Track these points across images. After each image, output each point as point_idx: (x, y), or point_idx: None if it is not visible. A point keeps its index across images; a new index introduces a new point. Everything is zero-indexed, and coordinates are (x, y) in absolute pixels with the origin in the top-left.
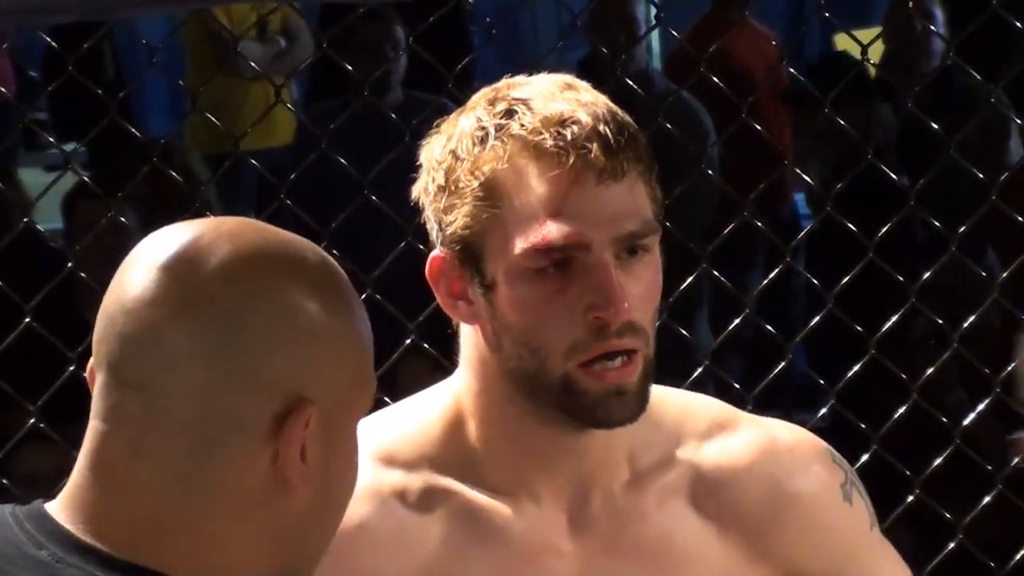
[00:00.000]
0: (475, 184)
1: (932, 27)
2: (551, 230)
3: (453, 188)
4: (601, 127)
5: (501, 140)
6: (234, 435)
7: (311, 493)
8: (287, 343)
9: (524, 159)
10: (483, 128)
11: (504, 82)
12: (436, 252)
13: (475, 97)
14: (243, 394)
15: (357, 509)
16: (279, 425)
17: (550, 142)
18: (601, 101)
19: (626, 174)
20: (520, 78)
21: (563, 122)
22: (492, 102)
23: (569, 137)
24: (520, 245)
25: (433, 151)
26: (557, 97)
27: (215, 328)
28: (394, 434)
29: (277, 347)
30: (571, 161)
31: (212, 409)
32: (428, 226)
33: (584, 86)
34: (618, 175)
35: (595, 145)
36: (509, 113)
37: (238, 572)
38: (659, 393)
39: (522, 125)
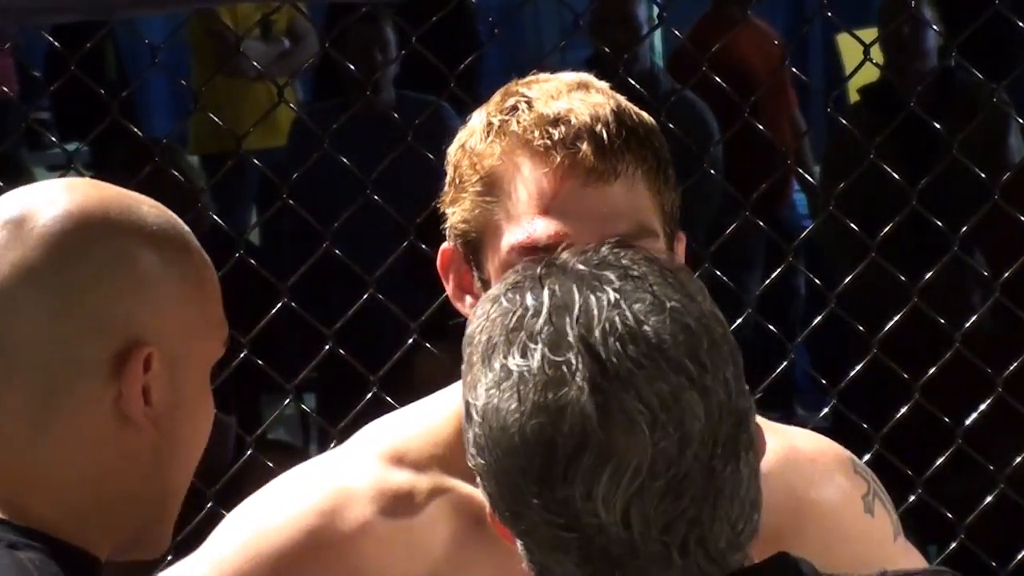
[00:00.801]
0: (475, 178)
1: (929, 27)
2: (537, 228)
3: (458, 181)
4: (597, 127)
5: (501, 136)
6: (79, 380)
7: (160, 434)
8: (122, 288)
9: (520, 156)
10: (490, 123)
11: (527, 78)
12: (446, 245)
13: (498, 91)
14: (83, 339)
15: (363, 509)
16: (120, 367)
17: (539, 141)
18: (612, 102)
19: (620, 175)
20: (543, 75)
21: (555, 121)
22: (504, 97)
23: (557, 136)
24: (508, 241)
25: (452, 145)
26: (562, 96)
27: (52, 278)
28: (403, 435)
29: (112, 292)
30: (558, 160)
31: (56, 356)
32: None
33: (599, 86)
34: (609, 176)
35: (585, 145)
36: (513, 109)
37: (98, 515)
38: None
39: (519, 122)
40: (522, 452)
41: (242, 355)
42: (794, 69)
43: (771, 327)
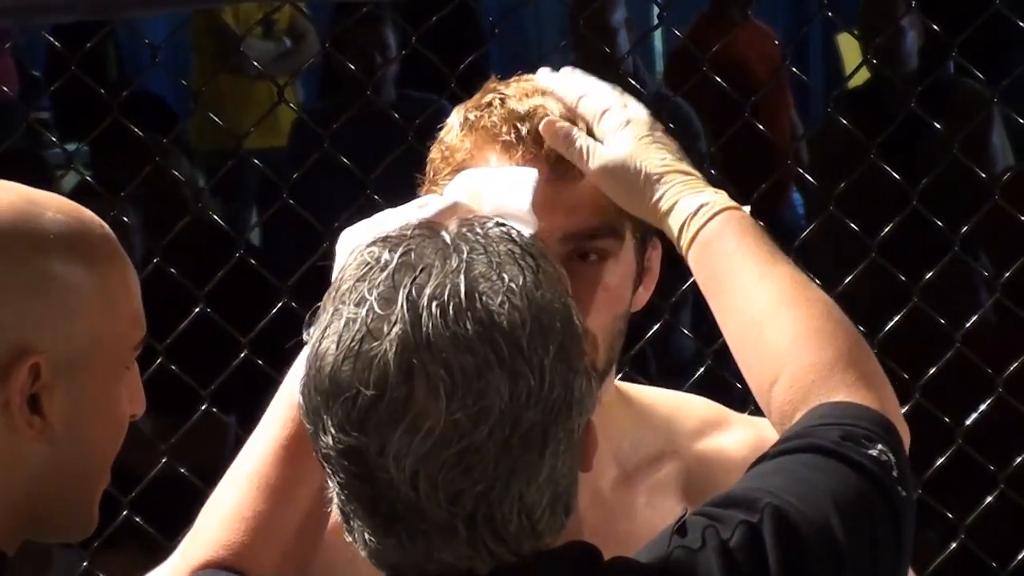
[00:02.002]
0: (446, 171)
1: (908, 30)
2: None
3: (432, 175)
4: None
5: (472, 131)
6: None
7: (53, 443)
8: (9, 297)
9: (488, 150)
10: (465, 119)
11: (513, 78)
12: None
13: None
14: None
15: None
16: (6, 376)
17: (505, 136)
18: None
19: (585, 174)
20: (527, 75)
21: (523, 117)
22: (482, 94)
23: (524, 131)
24: None
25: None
26: (535, 94)
27: None
28: None
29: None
30: (521, 154)
31: None
32: None
33: None
34: (573, 173)
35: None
36: (488, 106)
37: None
38: (651, 394)
39: (490, 118)
40: (330, 395)
41: (242, 355)
42: (794, 69)
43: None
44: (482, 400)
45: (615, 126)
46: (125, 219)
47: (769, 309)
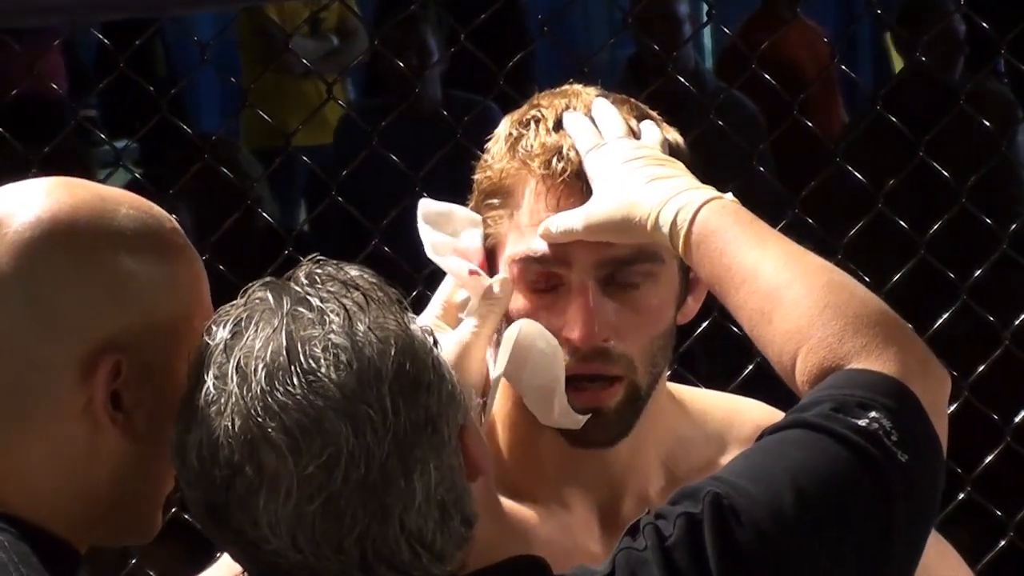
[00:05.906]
0: (490, 189)
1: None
2: (533, 243)
3: (477, 188)
4: None
5: (513, 152)
6: (46, 384)
7: (137, 441)
8: (89, 295)
9: (526, 174)
10: (510, 134)
11: (559, 89)
12: None
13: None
14: (50, 344)
15: None
16: (88, 373)
17: (541, 170)
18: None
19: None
20: (571, 88)
21: (556, 149)
22: (527, 108)
23: (557, 167)
24: (511, 251)
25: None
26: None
27: (18, 284)
28: None
29: (78, 299)
30: (558, 186)
31: (23, 360)
32: None
33: None
34: None
35: (580, 177)
36: (528, 125)
37: (75, 507)
38: (707, 398)
39: (527, 144)
40: (195, 485)
41: None
42: (844, 67)
43: None
44: (327, 448)
45: (593, 172)
46: (175, 217)
47: (772, 294)
